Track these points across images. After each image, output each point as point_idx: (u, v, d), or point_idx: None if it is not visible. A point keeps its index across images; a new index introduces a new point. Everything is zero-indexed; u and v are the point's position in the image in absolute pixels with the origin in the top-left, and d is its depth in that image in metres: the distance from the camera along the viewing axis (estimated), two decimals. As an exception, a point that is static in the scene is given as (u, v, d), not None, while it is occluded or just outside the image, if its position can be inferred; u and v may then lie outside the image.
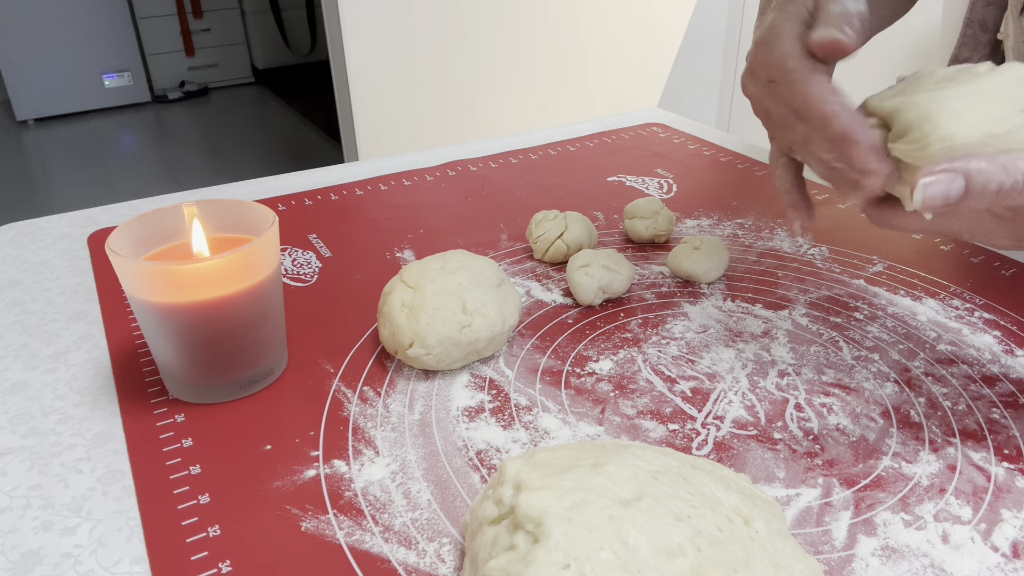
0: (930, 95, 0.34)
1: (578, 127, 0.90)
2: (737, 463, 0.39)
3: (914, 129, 0.33)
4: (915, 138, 0.33)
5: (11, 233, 0.65)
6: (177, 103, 3.76)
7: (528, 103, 1.91)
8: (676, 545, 0.28)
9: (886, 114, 0.35)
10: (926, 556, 0.34)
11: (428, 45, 1.72)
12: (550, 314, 0.52)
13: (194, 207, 0.45)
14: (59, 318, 0.53)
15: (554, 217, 0.59)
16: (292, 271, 0.58)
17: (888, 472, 0.38)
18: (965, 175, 0.31)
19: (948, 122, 0.33)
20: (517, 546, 0.28)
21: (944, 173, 0.31)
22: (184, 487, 0.38)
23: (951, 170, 0.31)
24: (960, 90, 0.34)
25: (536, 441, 0.41)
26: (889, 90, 0.37)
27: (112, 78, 3.56)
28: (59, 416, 0.43)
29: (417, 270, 0.47)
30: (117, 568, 0.34)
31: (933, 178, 0.31)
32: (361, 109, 1.70)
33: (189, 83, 3.82)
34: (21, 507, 0.37)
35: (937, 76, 0.36)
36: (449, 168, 0.78)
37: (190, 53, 3.81)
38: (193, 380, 0.43)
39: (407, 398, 0.44)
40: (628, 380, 0.46)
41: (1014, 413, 0.42)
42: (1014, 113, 0.33)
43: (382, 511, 0.36)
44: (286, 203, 0.70)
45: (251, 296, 0.42)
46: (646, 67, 2.04)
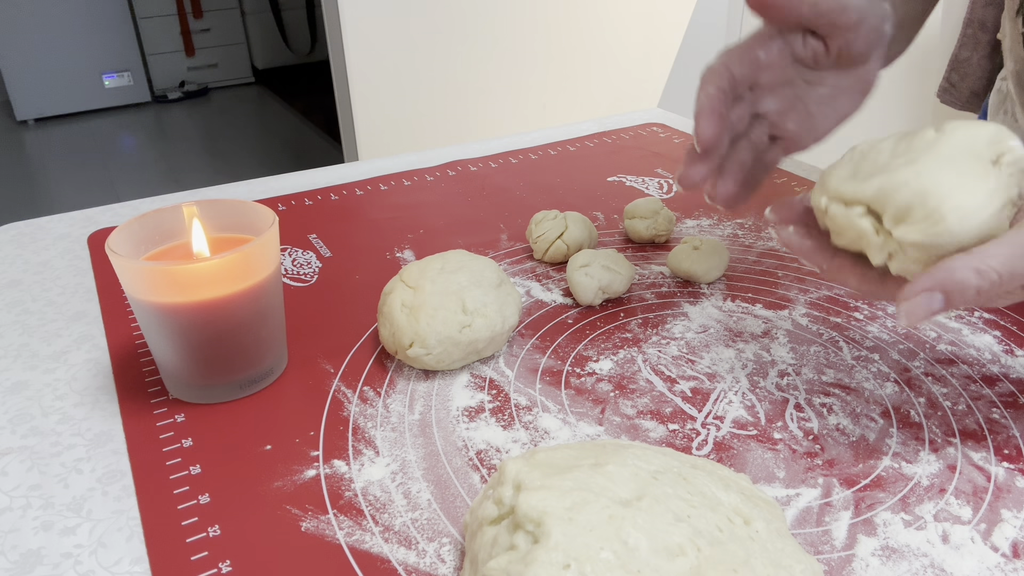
0: (910, 170, 0.34)
1: (578, 127, 0.90)
2: (737, 463, 0.39)
3: (916, 208, 0.33)
4: (923, 216, 0.33)
5: (11, 233, 0.65)
6: (177, 103, 3.76)
7: (528, 103, 1.91)
8: (676, 545, 0.28)
9: (869, 199, 0.35)
10: (926, 556, 0.34)
11: (428, 45, 1.72)
12: (550, 314, 0.52)
13: (194, 207, 0.45)
14: (59, 318, 0.53)
15: (554, 217, 0.59)
16: (292, 271, 0.58)
17: (888, 472, 0.38)
18: (943, 291, 0.31)
19: (950, 192, 0.32)
20: (517, 546, 0.28)
21: (923, 294, 0.31)
22: (184, 487, 0.38)
23: (929, 289, 0.31)
24: (932, 159, 0.34)
25: (536, 441, 0.41)
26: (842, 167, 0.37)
27: (112, 78, 3.56)
28: (59, 416, 0.43)
29: (417, 270, 0.47)
30: (117, 568, 0.34)
31: (912, 301, 0.31)
32: (361, 109, 1.70)
33: (189, 83, 3.82)
34: (21, 507, 0.37)
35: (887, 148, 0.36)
36: (449, 168, 0.78)
37: (190, 53, 3.81)
38: (193, 380, 0.43)
39: (407, 398, 0.44)
40: (628, 380, 0.46)
41: (1014, 413, 0.42)
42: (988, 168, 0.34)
43: (382, 511, 0.36)
44: (286, 203, 0.70)
45: (251, 296, 0.42)
46: (646, 67, 2.04)
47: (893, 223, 0.34)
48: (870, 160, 0.36)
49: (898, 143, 0.36)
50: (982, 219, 0.33)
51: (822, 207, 0.37)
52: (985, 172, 0.33)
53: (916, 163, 0.34)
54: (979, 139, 0.34)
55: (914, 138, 0.36)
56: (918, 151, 0.35)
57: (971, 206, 0.32)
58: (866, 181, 0.35)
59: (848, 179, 0.36)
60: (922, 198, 0.33)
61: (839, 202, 0.36)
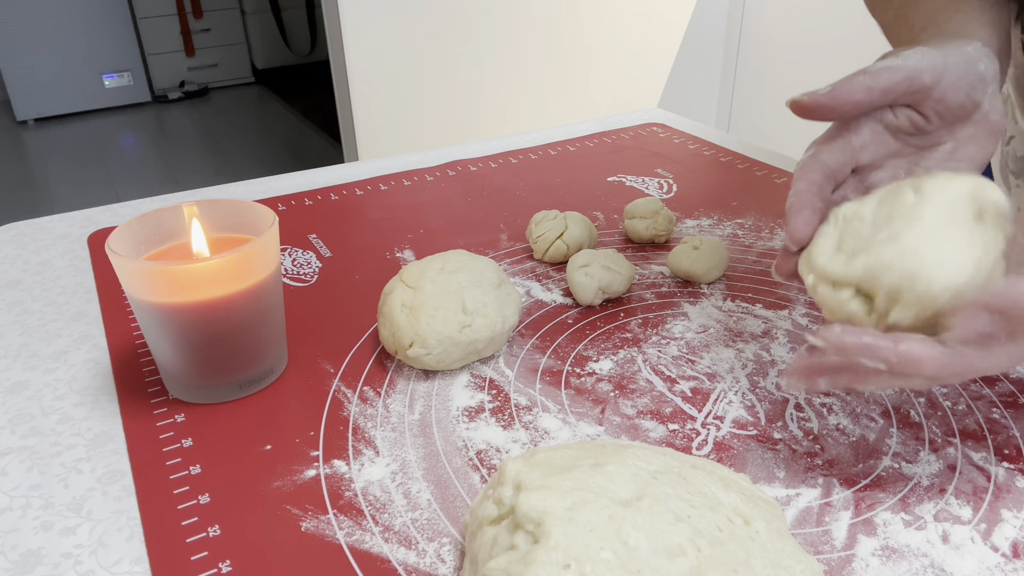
0: (894, 249, 0.33)
1: (578, 127, 0.90)
2: (737, 463, 0.39)
3: (906, 292, 0.33)
4: (914, 301, 0.32)
5: (11, 233, 0.65)
6: (177, 103, 3.76)
7: (528, 103, 1.91)
8: (676, 545, 0.28)
9: (857, 281, 0.34)
10: (926, 556, 0.34)
11: (428, 45, 1.72)
12: (550, 314, 0.52)
13: (194, 207, 0.45)
14: (59, 318, 0.53)
15: (554, 217, 0.59)
16: (292, 271, 0.58)
17: (888, 472, 0.38)
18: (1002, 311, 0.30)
19: (938, 273, 0.32)
20: (517, 546, 0.28)
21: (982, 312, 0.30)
22: (184, 487, 0.38)
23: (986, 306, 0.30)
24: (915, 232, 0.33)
25: (536, 441, 0.41)
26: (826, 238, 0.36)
27: (112, 78, 3.56)
28: (59, 416, 0.43)
29: (417, 270, 0.47)
30: (117, 568, 0.34)
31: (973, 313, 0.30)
32: (361, 109, 1.70)
33: (189, 83, 3.82)
34: (21, 507, 0.37)
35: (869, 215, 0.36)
36: (449, 168, 0.78)
37: (190, 53, 3.81)
38: (193, 380, 0.43)
39: (407, 398, 0.44)
40: (628, 380, 0.46)
41: (1014, 413, 0.42)
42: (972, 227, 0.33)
43: (382, 511, 0.36)
44: (286, 203, 0.70)
45: (251, 296, 0.42)
46: (646, 67, 2.04)
47: (885, 305, 0.33)
48: (853, 230, 0.36)
49: (879, 208, 0.36)
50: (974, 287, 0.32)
51: (809, 285, 0.36)
52: (970, 235, 0.33)
53: (899, 238, 0.33)
54: (959, 197, 0.34)
55: (894, 201, 0.35)
56: (900, 219, 0.34)
57: (960, 283, 0.32)
58: (852, 261, 0.34)
59: (833, 254, 0.35)
60: (911, 282, 0.32)
61: (827, 283, 0.35)
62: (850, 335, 0.33)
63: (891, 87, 0.38)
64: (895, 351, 0.32)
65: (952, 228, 0.33)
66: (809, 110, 0.38)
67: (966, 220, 0.33)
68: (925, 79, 0.38)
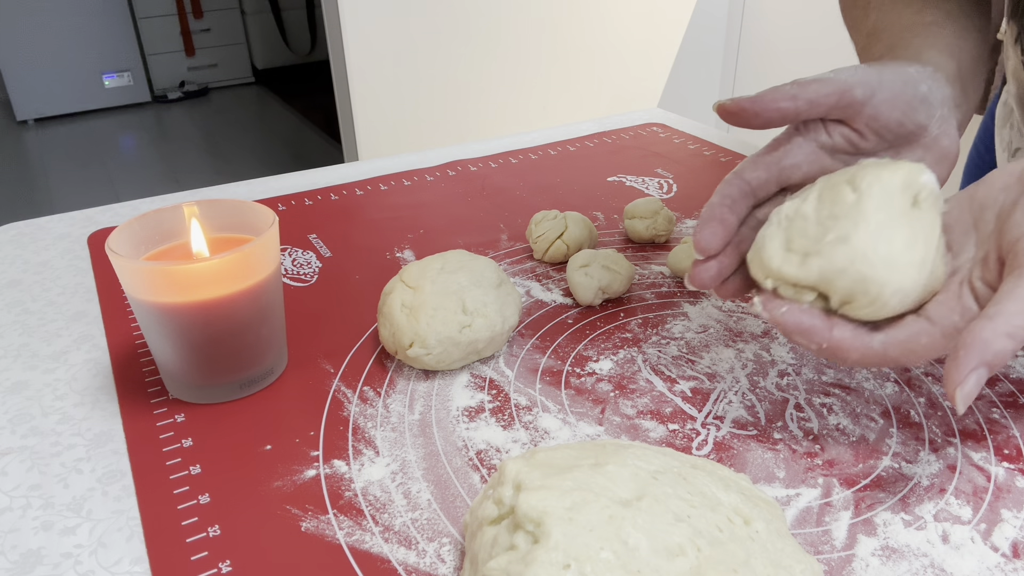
0: (844, 253, 0.35)
1: (578, 127, 0.90)
2: (737, 463, 0.39)
3: (859, 296, 0.34)
4: (867, 303, 0.34)
5: (11, 233, 0.65)
6: (177, 103, 3.76)
7: (528, 103, 1.91)
8: (676, 545, 0.28)
9: (813, 284, 0.36)
10: (926, 556, 0.34)
11: (428, 45, 1.72)
12: (550, 314, 0.52)
13: (194, 207, 0.45)
14: (59, 318, 0.53)
15: (554, 217, 0.59)
16: (292, 271, 0.58)
17: (888, 472, 0.38)
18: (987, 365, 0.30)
19: (887, 276, 0.34)
20: (517, 546, 0.28)
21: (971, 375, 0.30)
22: (184, 487, 0.38)
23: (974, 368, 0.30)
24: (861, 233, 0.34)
25: (536, 441, 0.41)
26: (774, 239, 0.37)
27: (112, 78, 3.56)
28: (59, 416, 0.43)
29: (417, 270, 0.47)
30: (117, 568, 0.34)
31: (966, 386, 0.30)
32: (361, 109, 1.70)
33: (189, 83, 3.82)
34: (21, 507, 0.37)
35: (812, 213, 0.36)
36: (449, 168, 0.78)
37: (190, 53, 3.81)
38: (193, 380, 0.43)
39: (407, 398, 0.44)
40: (628, 380, 0.46)
41: (1014, 413, 0.42)
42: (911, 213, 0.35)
43: (382, 511, 0.36)
44: (286, 203, 0.70)
45: (251, 296, 0.42)
46: (646, 67, 2.04)
47: (838, 305, 0.35)
48: (798, 229, 0.37)
49: (820, 206, 0.37)
50: (920, 289, 0.34)
51: (769, 288, 0.38)
52: (911, 230, 0.35)
53: (849, 241, 0.35)
54: (895, 188, 0.35)
55: (835, 199, 0.36)
56: (844, 219, 0.35)
57: (910, 285, 0.34)
58: (806, 264, 0.36)
59: (784, 255, 0.37)
60: (863, 286, 0.34)
61: (787, 285, 0.37)
62: (791, 316, 0.36)
63: (819, 99, 0.38)
64: (828, 337, 0.35)
65: (895, 225, 0.35)
66: (733, 115, 0.38)
67: (904, 210, 0.35)
68: (856, 93, 0.38)
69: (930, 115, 0.40)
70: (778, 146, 0.41)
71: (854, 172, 0.37)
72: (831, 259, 0.35)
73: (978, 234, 0.37)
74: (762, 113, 0.38)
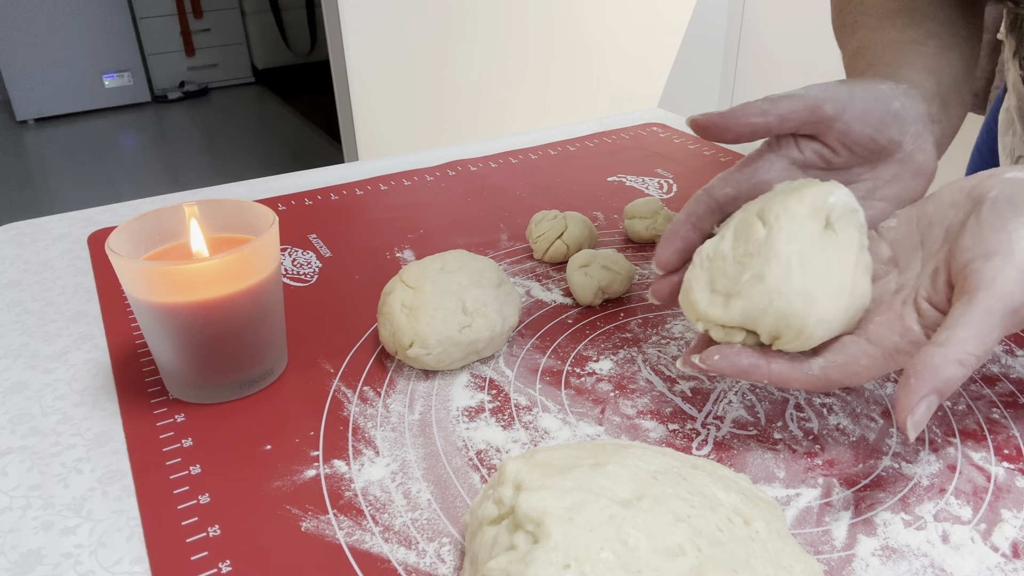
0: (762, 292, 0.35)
1: (578, 127, 0.90)
2: (737, 463, 0.39)
3: (784, 331, 0.35)
4: (792, 337, 0.35)
5: (11, 233, 0.65)
6: (177, 103, 3.76)
7: (528, 103, 1.91)
8: (676, 545, 0.28)
9: (739, 324, 0.36)
10: (926, 556, 0.34)
11: (428, 45, 1.72)
12: (550, 314, 0.52)
13: (194, 207, 0.45)
14: (59, 318, 0.53)
15: (554, 217, 0.59)
16: (292, 271, 0.58)
17: (888, 472, 0.38)
18: (937, 393, 0.30)
19: (806, 309, 0.34)
20: (517, 546, 0.28)
21: (922, 403, 0.30)
22: (184, 487, 0.38)
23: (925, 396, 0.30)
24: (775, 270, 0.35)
25: (536, 441, 0.41)
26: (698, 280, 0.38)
27: (112, 78, 3.56)
28: (59, 416, 0.43)
29: (417, 270, 0.47)
30: (117, 568, 0.34)
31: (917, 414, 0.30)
32: (361, 109, 1.70)
33: (189, 83, 3.82)
34: (21, 507, 0.37)
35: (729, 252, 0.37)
36: (449, 168, 0.78)
37: (190, 53, 3.81)
38: (193, 380, 0.43)
39: (407, 398, 0.44)
40: (628, 380, 0.46)
41: (1014, 413, 0.42)
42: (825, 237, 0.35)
43: (382, 511, 0.36)
44: (286, 203, 0.70)
45: (251, 296, 0.42)
46: (646, 67, 2.04)
47: (769, 341, 0.36)
48: (719, 269, 0.37)
49: (736, 243, 0.37)
50: (842, 314, 0.35)
51: (700, 330, 0.38)
52: (825, 257, 0.35)
53: (764, 280, 0.35)
54: (802, 215, 0.36)
55: (747, 235, 0.37)
56: (758, 256, 0.36)
57: (831, 315, 0.35)
58: (729, 306, 0.36)
59: (710, 297, 0.37)
60: (785, 322, 0.35)
61: (716, 326, 0.38)
62: (726, 361, 0.36)
63: (790, 114, 0.38)
64: (767, 374, 0.36)
65: (808, 255, 0.35)
66: (704, 129, 0.39)
67: (816, 237, 0.36)
68: (827, 109, 0.38)
69: (903, 131, 0.40)
70: (750, 163, 0.41)
71: (764, 203, 0.37)
72: (750, 299, 0.36)
73: (925, 251, 0.37)
74: (733, 128, 0.38)
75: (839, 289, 0.35)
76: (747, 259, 0.36)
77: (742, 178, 0.41)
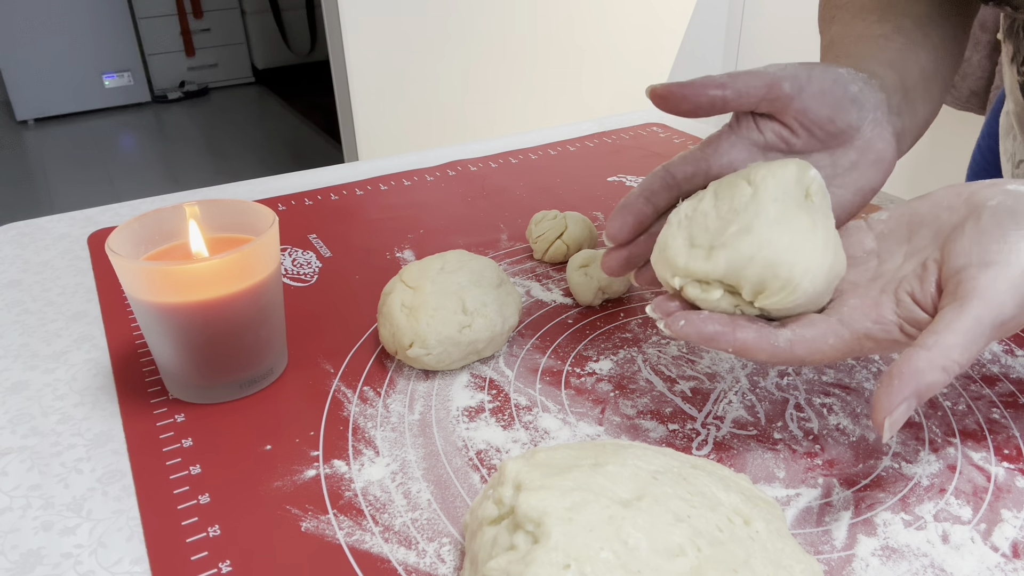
0: (750, 241, 0.35)
1: (578, 127, 0.90)
2: (737, 463, 0.39)
3: (771, 282, 0.35)
4: (779, 288, 0.35)
5: (11, 233, 0.65)
6: (177, 103, 3.76)
7: (528, 103, 1.91)
8: (676, 545, 0.28)
9: (721, 277, 0.36)
10: (926, 556, 0.34)
11: (428, 45, 1.72)
12: (550, 314, 0.52)
13: (194, 207, 0.45)
14: (59, 318, 0.53)
15: (554, 217, 0.59)
16: (292, 271, 0.58)
17: (888, 472, 0.38)
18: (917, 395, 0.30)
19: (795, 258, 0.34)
20: (517, 546, 0.28)
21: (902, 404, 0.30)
22: (184, 487, 0.38)
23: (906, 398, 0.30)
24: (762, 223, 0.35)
25: (536, 441, 0.41)
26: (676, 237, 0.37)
27: (112, 78, 3.56)
28: (59, 416, 0.43)
29: (417, 270, 0.47)
30: (117, 568, 0.34)
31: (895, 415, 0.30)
32: (361, 109, 1.70)
33: (189, 83, 3.82)
34: (21, 507, 0.37)
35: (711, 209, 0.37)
36: (449, 168, 0.78)
37: (190, 53, 3.81)
38: (193, 380, 0.43)
39: (407, 398, 0.44)
40: (628, 380, 0.46)
41: (1014, 413, 0.42)
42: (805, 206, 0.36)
43: (382, 511, 0.36)
44: (286, 203, 0.70)
45: (251, 296, 0.42)
46: (646, 67, 2.04)
47: (751, 296, 0.36)
48: (699, 225, 0.37)
49: (718, 201, 0.37)
50: (826, 272, 0.35)
51: (676, 287, 0.38)
52: (810, 218, 0.35)
53: (751, 231, 0.35)
54: (788, 182, 0.36)
55: (732, 194, 0.37)
56: (744, 212, 0.36)
57: (817, 266, 0.35)
58: (712, 257, 0.36)
59: (689, 252, 0.37)
60: (773, 271, 0.34)
61: (693, 282, 0.37)
62: (691, 327, 0.36)
63: (748, 89, 0.38)
64: (733, 341, 0.35)
65: (794, 214, 0.35)
66: (663, 98, 0.38)
67: (800, 202, 0.36)
68: (785, 87, 0.38)
69: (862, 117, 0.40)
70: (711, 143, 0.41)
71: (747, 171, 0.38)
72: (737, 250, 0.35)
73: (909, 246, 0.37)
74: (691, 97, 0.38)
75: (824, 246, 0.35)
76: (732, 215, 0.36)
77: (701, 157, 0.41)
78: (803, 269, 0.34)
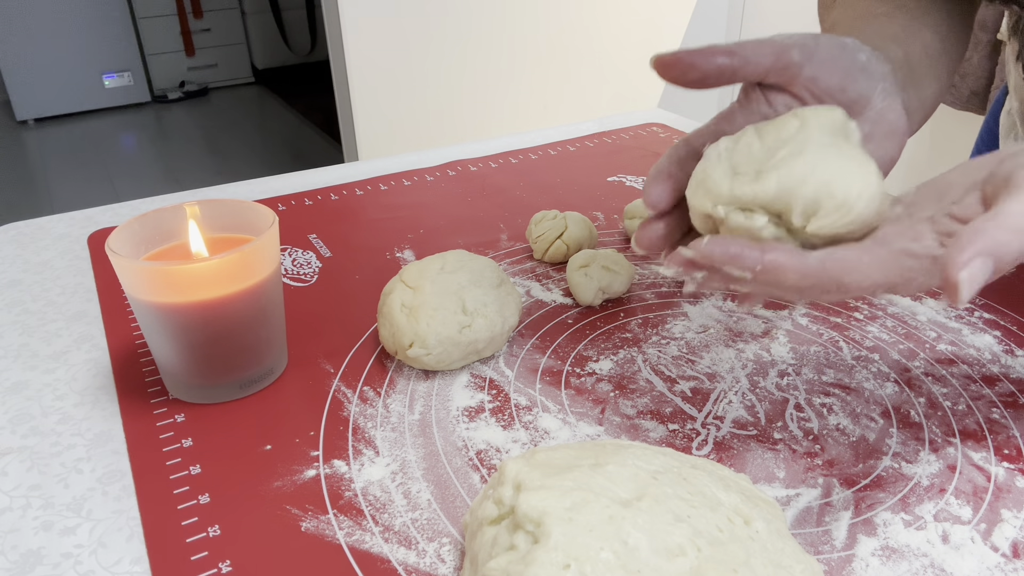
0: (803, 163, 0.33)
1: (578, 127, 0.90)
2: (737, 463, 0.39)
3: (825, 200, 0.33)
4: (834, 208, 0.33)
5: (11, 233, 0.65)
6: (177, 103, 3.76)
7: (528, 103, 1.91)
8: (676, 545, 0.28)
9: (772, 198, 0.34)
10: (926, 556, 0.34)
11: (428, 45, 1.72)
12: (550, 314, 0.52)
13: (194, 207, 0.45)
14: (59, 318, 0.53)
15: (554, 217, 0.59)
16: (292, 271, 0.58)
17: (888, 472, 0.38)
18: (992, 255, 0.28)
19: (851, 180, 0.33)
20: (517, 546, 0.28)
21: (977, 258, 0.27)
22: (184, 487, 0.38)
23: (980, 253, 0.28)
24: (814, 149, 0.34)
25: (536, 441, 0.41)
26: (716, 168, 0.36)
27: (112, 78, 3.56)
28: (59, 416, 0.43)
29: (417, 270, 0.47)
30: (117, 568, 0.34)
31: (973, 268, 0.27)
32: (361, 109, 1.70)
33: (189, 83, 3.82)
34: (21, 507, 0.37)
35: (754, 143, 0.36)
36: (449, 168, 0.78)
37: (190, 53, 3.81)
38: (193, 380, 0.43)
39: (407, 398, 0.44)
40: (628, 380, 0.46)
41: (1014, 413, 0.42)
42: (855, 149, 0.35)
43: (382, 511, 0.36)
44: (286, 203, 0.70)
45: (251, 296, 0.42)
46: (646, 68, 2.04)
47: (803, 219, 0.33)
48: (742, 156, 0.35)
49: (763, 136, 0.36)
50: (879, 198, 0.33)
51: (720, 216, 0.35)
52: (857, 151, 0.34)
53: (803, 154, 0.34)
54: (833, 121, 0.35)
55: (780, 129, 0.35)
56: (793, 142, 0.34)
57: (871, 190, 0.33)
58: (760, 180, 0.34)
59: (732, 179, 0.35)
60: (828, 189, 0.33)
61: (737, 208, 0.35)
62: (718, 245, 0.33)
63: (756, 57, 0.37)
64: (761, 259, 0.32)
65: (841, 145, 0.34)
66: (669, 66, 0.37)
67: (844, 141, 0.35)
68: (793, 55, 0.37)
69: (872, 86, 0.39)
70: (724, 118, 0.40)
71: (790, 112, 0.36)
72: (791, 169, 0.33)
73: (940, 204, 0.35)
74: (699, 64, 0.36)
75: (878, 185, 0.33)
76: (779, 144, 0.35)
77: (718, 131, 0.40)
78: (858, 191, 0.33)
